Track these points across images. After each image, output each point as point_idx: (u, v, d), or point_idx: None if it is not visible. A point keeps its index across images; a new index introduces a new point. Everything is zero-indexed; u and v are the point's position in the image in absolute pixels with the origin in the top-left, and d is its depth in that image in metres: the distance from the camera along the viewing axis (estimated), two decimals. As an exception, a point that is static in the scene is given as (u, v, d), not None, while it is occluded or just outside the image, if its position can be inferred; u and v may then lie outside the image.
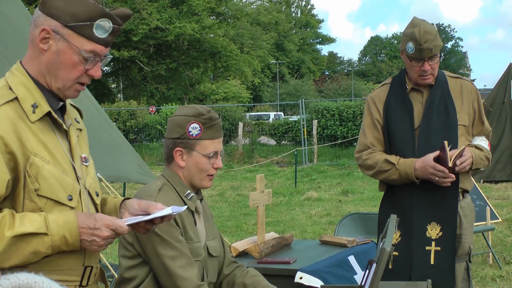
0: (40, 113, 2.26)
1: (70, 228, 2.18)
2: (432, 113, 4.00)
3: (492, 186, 14.50)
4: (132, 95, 38.35)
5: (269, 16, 70.37)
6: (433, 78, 4.03)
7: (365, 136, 4.16)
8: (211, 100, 51.09)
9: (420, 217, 3.97)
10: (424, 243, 3.96)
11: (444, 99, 4.04)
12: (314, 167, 21.12)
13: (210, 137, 3.16)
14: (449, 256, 3.95)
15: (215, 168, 3.21)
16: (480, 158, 4.00)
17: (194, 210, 3.19)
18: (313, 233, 10.11)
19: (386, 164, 4.00)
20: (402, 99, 4.08)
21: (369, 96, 4.26)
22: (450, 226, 3.96)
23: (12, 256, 2.13)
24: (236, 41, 48.17)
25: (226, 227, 10.91)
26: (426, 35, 3.86)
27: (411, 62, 3.97)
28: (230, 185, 16.97)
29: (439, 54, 3.99)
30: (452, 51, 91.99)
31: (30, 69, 2.32)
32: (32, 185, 2.20)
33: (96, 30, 2.26)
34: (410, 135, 4.02)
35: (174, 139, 3.16)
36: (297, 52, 77.56)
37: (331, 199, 13.95)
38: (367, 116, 4.19)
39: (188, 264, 3.01)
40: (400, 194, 4.05)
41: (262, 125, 28.97)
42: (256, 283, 3.32)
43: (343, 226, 5.75)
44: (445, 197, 3.96)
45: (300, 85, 64.94)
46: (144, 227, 2.42)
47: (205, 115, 3.15)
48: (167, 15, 32.68)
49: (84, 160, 2.42)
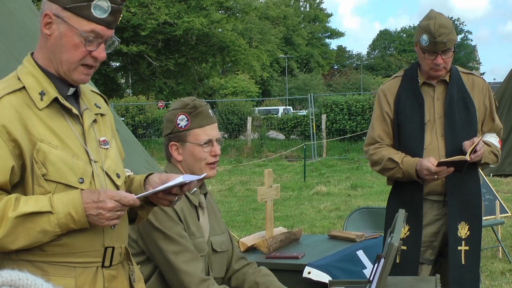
0: (47, 100, 2.30)
1: (74, 204, 2.22)
2: (453, 109, 3.99)
3: (502, 180, 14.42)
4: (141, 90, 38.37)
5: (277, 10, 70.24)
6: (445, 71, 4.02)
7: (373, 129, 4.15)
8: (220, 94, 51.12)
9: (452, 217, 3.95)
10: (457, 243, 3.94)
11: (462, 94, 4.04)
12: (323, 161, 21.10)
13: (199, 125, 3.14)
14: (476, 254, 3.97)
15: (213, 155, 3.17)
16: (488, 152, 3.99)
17: (197, 204, 3.18)
18: (322, 227, 10.09)
19: (390, 162, 3.99)
20: (413, 93, 4.06)
21: (380, 89, 4.24)
22: (477, 225, 3.98)
23: (20, 237, 2.19)
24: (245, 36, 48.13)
25: (235, 222, 10.91)
26: (441, 29, 3.86)
27: (424, 54, 3.96)
28: (239, 179, 16.96)
29: (453, 49, 3.97)
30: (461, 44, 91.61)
31: (39, 58, 2.36)
32: (39, 171, 2.25)
33: (94, 10, 2.27)
34: (419, 129, 4.01)
35: (168, 135, 3.18)
36: (305, 46, 77.41)
37: (340, 193, 13.92)
38: (377, 108, 4.17)
39: (192, 259, 3.01)
40: (409, 188, 4.03)
41: (271, 120, 28.94)
42: (269, 283, 3.31)
43: (352, 221, 5.74)
44: (471, 194, 3.98)
45: (309, 79, 64.86)
46: (165, 198, 2.41)
47: (189, 104, 3.15)
48: (175, 10, 32.65)
49: (103, 143, 2.45)
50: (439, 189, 3.99)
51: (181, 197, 2.46)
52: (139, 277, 2.62)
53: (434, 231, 4.04)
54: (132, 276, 2.54)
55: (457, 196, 3.95)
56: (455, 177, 3.88)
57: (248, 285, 3.34)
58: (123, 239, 2.49)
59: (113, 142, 2.53)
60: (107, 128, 2.54)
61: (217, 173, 3.29)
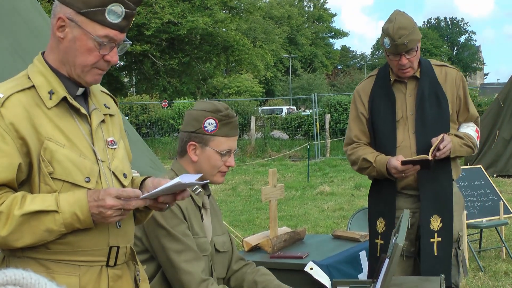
0: (56, 99, 2.31)
1: (80, 205, 2.22)
2: (424, 105, 4.06)
3: (506, 180, 14.41)
4: (145, 89, 38.43)
5: (281, 10, 70.24)
6: (412, 70, 4.09)
7: (350, 130, 4.30)
8: (224, 94, 51.09)
9: (425, 211, 4.04)
10: (429, 235, 4.04)
11: (434, 89, 4.10)
12: (327, 161, 21.08)
13: (225, 135, 3.14)
14: (448, 245, 4.05)
15: (227, 166, 3.18)
16: (460, 145, 4.06)
17: (201, 205, 3.19)
18: (325, 227, 10.09)
19: (365, 162, 4.12)
20: (386, 91, 4.16)
21: (355, 89, 4.38)
22: (449, 216, 4.06)
23: (25, 235, 2.19)
24: (249, 35, 48.14)
25: (239, 221, 10.91)
26: (400, 31, 3.92)
27: (389, 56, 4.05)
28: (242, 179, 16.97)
29: (416, 47, 4.02)
30: (465, 45, 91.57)
31: (51, 59, 2.37)
32: (46, 169, 2.25)
33: (109, 15, 2.28)
34: (391, 127, 4.10)
35: (189, 133, 3.15)
36: (309, 46, 77.38)
37: (344, 193, 13.92)
38: (353, 109, 4.32)
39: (194, 258, 3.01)
40: (384, 184, 4.14)
41: (274, 119, 28.93)
42: (267, 282, 3.31)
43: (356, 221, 5.73)
44: (443, 188, 4.07)
45: (313, 79, 64.86)
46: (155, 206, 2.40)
47: (222, 112, 3.13)
48: (179, 9, 32.69)
49: (111, 144, 2.46)
50: (412, 184, 4.08)
51: (172, 204, 2.45)
52: (144, 277, 2.61)
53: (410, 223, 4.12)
54: (137, 276, 2.54)
55: (429, 190, 4.04)
56: (427, 172, 3.98)
57: (247, 285, 3.34)
58: (129, 239, 2.49)
59: (121, 142, 2.54)
60: (116, 129, 2.54)
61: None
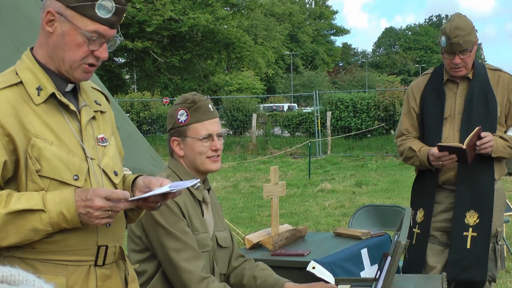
0: (44, 95, 2.27)
1: (67, 204, 2.18)
2: (472, 106, 4.23)
3: (507, 178, 14.41)
4: (146, 86, 38.41)
5: (283, 7, 70.28)
6: (466, 70, 4.26)
7: (401, 123, 4.52)
8: (225, 91, 51.13)
9: (460, 206, 4.21)
10: (462, 229, 4.20)
11: (484, 91, 4.25)
12: (328, 158, 21.08)
13: (198, 120, 3.14)
14: (485, 241, 4.19)
15: (213, 150, 3.16)
16: (503, 146, 4.20)
17: (201, 199, 3.18)
18: (326, 224, 10.08)
19: (410, 151, 4.33)
20: (438, 89, 4.36)
21: (410, 85, 4.60)
22: (488, 214, 4.20)
23: (11, 234, 2.16)
24: (250, 32, 48.14)
25: (240, 219, 10.89)
26: (456, 31, 4.12)
27: (444, 54, 4.26)
28: (243, 176, 16.96)
29: (471, 49, 4.18)
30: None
31: (39, 54, 2.34)
32: (33, 166, 2.22)
33: (99, 10, 2.25)
34: (438, 123, 4.30)
35: (170, 131, 3.20)
36: (311, 43, 77.43)
37: (345, 190, 13.91)
38: (405, 104, 4.52)
39: (193, 257, 3.00)
40: (426, 176, 4.36)
41: (275, 117, 28.92)
42: (266, 276, 3.30)
43: (357, 218, 5.71)
44: (482, 186, 4.21)
45: (314, 76, 64.94)
46: (146, 205, 2.38)
47: (188, 99, 3.16)
48: (180, 6, 32.66)
49: (102, 141, 2.42)
50: (452, 179, 4.26)
51: (164, 203, 2.42)
52: (133, 277, 2.59)
53: (448, 217, 4.29)
54: (127, 276, 2.51)
55: (466, 186, 4.21)
56: (467, 169, 4.15)
57: (246, 280, 3.33)
58: (118, 238, 2.45)
59: (112, 140, 2.50)
60: (107, 126, 2.51)
61: (221, 169, 3.29)
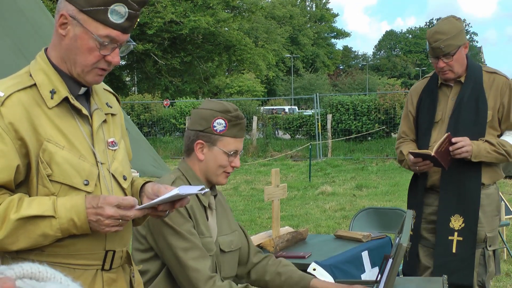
0: (58, 99, 2.26)
1: (77, 211, 2.17)
2: (460, 110, 4.18)
3: (507, 181, 14.40)
4: (147, 89, 38.42)
5: (283, 10, 70.27)
6: (452, 74, 4.20)
7: (400, 126, 4.57)
8: (226, 93, 51.13)
9: (444, 210, 4.19)
10: (447, 233, 4.17)
11: (476, 94, 4.18)
12: (328, 161, 21.07)
13: (234, 135, 3.14)
14: (470, 245, 4.14)
15: (232, 166, 3.18)
16: (487, 151, 4.10)
17: (206, 205, 3.19)
18: (327, 227, 10.09)
19: (401, 155, 4.39)
20: (432, 92, 4.35)
21: (410, 88, 4.66)
22: (473, 218, 4.14)
23: (21, 239, 2.15)
24: (251, 35, 48.17)
25: (240, 221, 10.87)
26: (436, 35, 4.10)
27: (430, 58, 4.27)
28: (244, 179, 16.96)
29: (453, 53, 4.12)
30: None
31: (53, 56, 2.33)
32: (44, 171, 2.21)
33: (111, 15, 2.23)
34: (428, 127, 4.29)
35: (197, 131, 3.14)
36: (311, 46, 77.43)
37: (345, 193, 13.91)
38: (405, 107, 4.57)
39: (200, 256, 3.00)
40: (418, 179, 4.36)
41: (276, 119, 28.93)
42: (291, 272, 3.33)
43: (357, 221, 5.73)
44: (468, 190, 4.16)
45: (315, 79, 64.93)
46: (154, 214, 2.37)
47: (232, 113, 3.13)
48: (181, 9, 32.68)
49: (112, 145, 2.42)
50: (437, 183, 4.24)
51: (172, 211, 2.42)
52: (139, 281, 2.59)
53: (435, 219, 4.28)
54: (133, 279, 2.52)
55: (451, 190, 4.18)
56: (452, 173, 4.13)
57: (270, 277, 3.35)
58: (125, 242, 2.46)
59: (121, 143, 2.50)
60: (117, 129, 2.51)
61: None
